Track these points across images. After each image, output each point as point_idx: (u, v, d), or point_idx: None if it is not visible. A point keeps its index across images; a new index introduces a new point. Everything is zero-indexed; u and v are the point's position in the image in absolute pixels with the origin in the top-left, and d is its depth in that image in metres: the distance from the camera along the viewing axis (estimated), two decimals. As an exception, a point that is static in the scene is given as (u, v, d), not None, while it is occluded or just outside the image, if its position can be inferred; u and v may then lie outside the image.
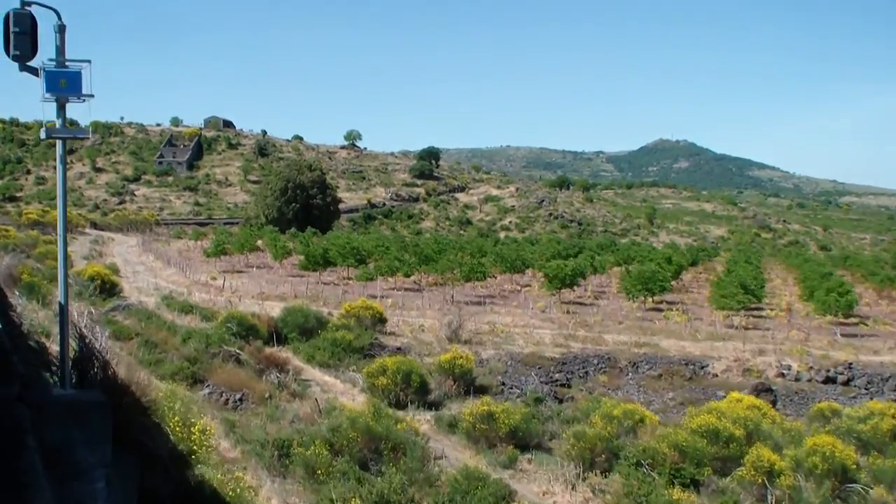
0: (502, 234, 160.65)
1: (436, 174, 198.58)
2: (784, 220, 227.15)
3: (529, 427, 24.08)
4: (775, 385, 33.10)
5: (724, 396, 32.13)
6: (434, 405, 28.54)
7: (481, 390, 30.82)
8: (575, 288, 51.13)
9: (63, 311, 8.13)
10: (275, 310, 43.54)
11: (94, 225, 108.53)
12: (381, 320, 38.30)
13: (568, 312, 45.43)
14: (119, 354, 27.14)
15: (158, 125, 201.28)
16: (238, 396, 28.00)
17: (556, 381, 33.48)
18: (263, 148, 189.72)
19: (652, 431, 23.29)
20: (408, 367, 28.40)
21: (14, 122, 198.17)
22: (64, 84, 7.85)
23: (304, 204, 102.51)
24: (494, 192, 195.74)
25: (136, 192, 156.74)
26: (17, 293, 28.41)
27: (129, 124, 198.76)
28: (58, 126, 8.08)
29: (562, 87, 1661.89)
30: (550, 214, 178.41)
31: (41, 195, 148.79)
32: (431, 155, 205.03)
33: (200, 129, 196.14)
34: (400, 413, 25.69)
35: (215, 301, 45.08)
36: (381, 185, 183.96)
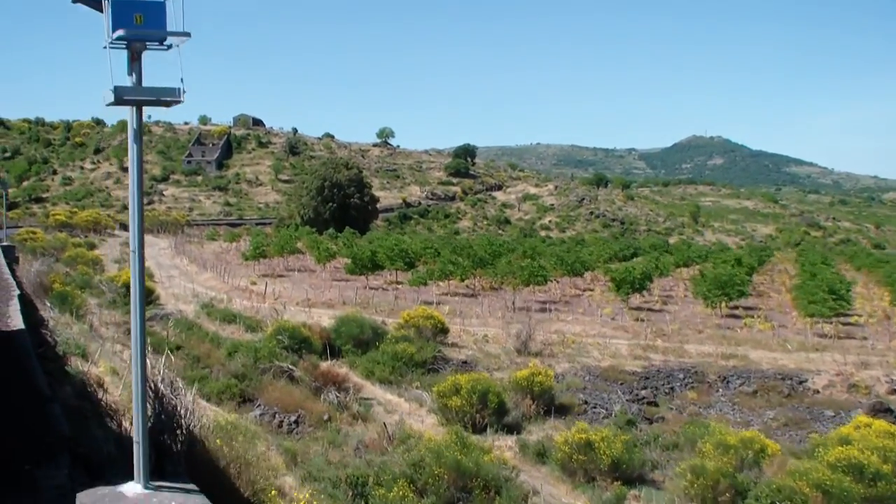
0: (542, 234, 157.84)
1: (472, 172, 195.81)
2: (833, 218, 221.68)
3: (632, 458, 21.39)
4: (891, 403, 30.02)
5: (834, 417, 29.28)
6: (513, 428, 25.90)
7: (561, 410, 28.17)
8: (643, 293, 48.18)
9: (140, 367, 5.48)
10: (323, 318, 41.17)
11: (124, 226, 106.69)
12: (443, 330, 35.71)
13: (639, 320, 42.54)
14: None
15: (186, 123, 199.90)
16: (293, 418, 25.59)
17: (643, 398, 30.63)
18: (294, 146, 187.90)
19: (780, 465, 20.52)
20: (484, 385, 25.75)
21: (40, 122, 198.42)
22: (140, 20, 5.19)
23: (340, 203, 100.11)
24: (532, 190, 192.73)
25: (164, 192, 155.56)
26: (49, 304, 26.14)
27: (157, 123, 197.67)
28: (130, 84, 5.40)
29: (592, 83, 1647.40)
30: (591, 213, 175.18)
31: (68, 196, 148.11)
32: (467, 152, 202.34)
33: (229, 127, 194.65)
34: (476, 438, 23.17)
35: (258, 309, 42.76)
36: (415, 183, 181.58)
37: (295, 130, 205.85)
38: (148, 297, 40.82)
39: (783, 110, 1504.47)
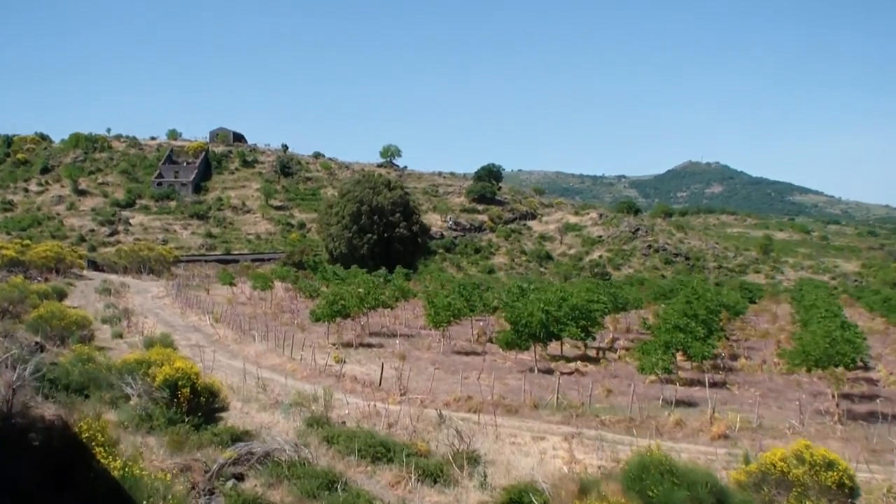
0: (589, 272, 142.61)
1: (498, 198, 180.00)
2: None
3: None
4: None
5: None
6: None
7: None
8: None
9: None
10: (522, 439, 25.44)
11: (94, 265, 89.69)
12: (849, 490, 19.26)
13: None
14: None
15: (154, 139, 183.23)
16: None
17: None
18: (286, 166, 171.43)
19: None
20: None
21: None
22: None
23: (381, 234, 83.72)
24: (572, 219, 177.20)
25: (130, 221, 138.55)
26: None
27: (119, 137, 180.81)
28: None
29: (576, 106, 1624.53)
30: (649, 247, 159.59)
31: (9, 224, 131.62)
32: (491, 174, 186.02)
33: (206, 143, 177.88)
34: None
35: (390, 417, 26.31)
36: (434, 210, 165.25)
37: (285, 147, 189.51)
38: (209, 402, 24.41)
39: (782, 135, 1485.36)
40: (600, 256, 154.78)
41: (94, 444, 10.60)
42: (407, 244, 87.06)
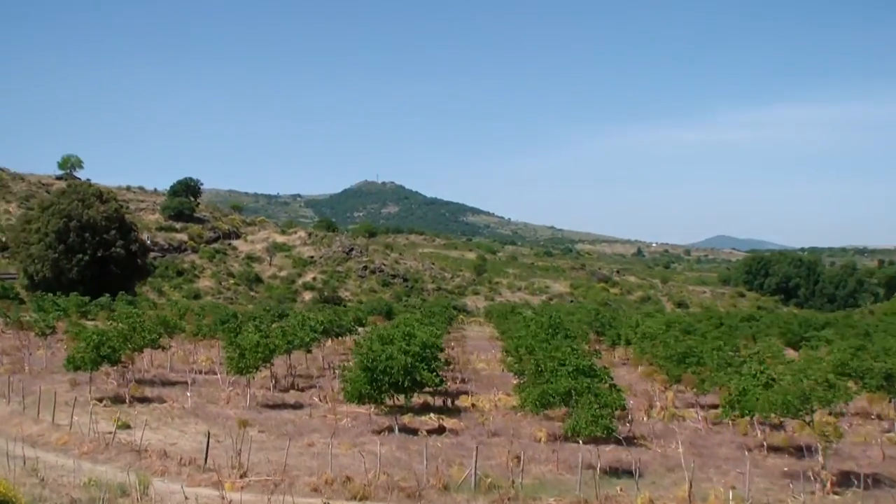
0: (307, 296, 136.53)
1: (198, 215, 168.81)
2: (617, 271, 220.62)
3: None
4: None
5: None
6: None
7: None
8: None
9: None
10: None
11: None
12: None
13: None
14: None
15: None
16: None
17: None
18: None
19: None
20: None
21: None
22: None
23: (94, 254, 72.45)
24: (279, 238, 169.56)
25: None
26: None
27: None
28: None
29: (251, 122, 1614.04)
30: (365, 268, 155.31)
31: None
32: (189, 190, 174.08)
33: None
34: None
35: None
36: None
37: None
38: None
39: (457, 157, 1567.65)
40: (314, 278, 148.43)
41: None
42: (124, 266, 76.35)
